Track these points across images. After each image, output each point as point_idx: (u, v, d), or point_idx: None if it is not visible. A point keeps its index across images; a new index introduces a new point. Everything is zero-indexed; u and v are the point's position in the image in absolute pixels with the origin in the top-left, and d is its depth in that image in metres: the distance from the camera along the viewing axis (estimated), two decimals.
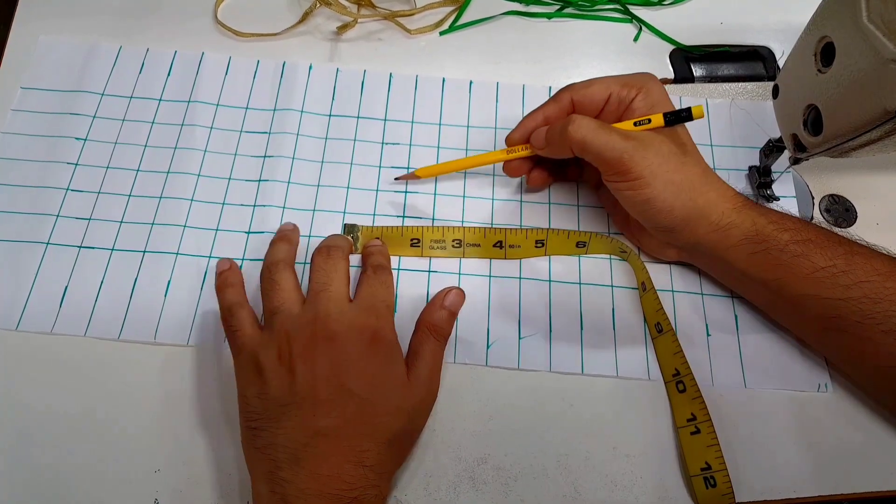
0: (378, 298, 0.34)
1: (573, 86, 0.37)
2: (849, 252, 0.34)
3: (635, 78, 0.37)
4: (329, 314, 0.32)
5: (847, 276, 0.33)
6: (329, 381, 0.30)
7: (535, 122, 0.38)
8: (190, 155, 0.41)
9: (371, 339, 0.32)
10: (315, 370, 0.30)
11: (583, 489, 0.35)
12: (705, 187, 0.35)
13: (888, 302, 0.32)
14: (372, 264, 0.37)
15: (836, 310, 0.33)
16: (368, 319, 0.33)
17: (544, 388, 0.37)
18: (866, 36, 0.30)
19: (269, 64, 0.45)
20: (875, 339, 0.33)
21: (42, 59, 0.44)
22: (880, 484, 0.35)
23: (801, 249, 0.34)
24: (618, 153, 0.34)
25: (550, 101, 0.38)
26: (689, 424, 0.35)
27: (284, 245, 0.37)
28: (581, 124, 0.34)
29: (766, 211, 0.35)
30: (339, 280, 0.34)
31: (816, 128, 0.34)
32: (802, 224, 0.35)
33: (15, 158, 0.41)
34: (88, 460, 0.34)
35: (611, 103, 0.37)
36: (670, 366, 0.37)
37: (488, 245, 0.39)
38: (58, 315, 0.37)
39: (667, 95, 0.37)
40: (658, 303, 0.38)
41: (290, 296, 0.34)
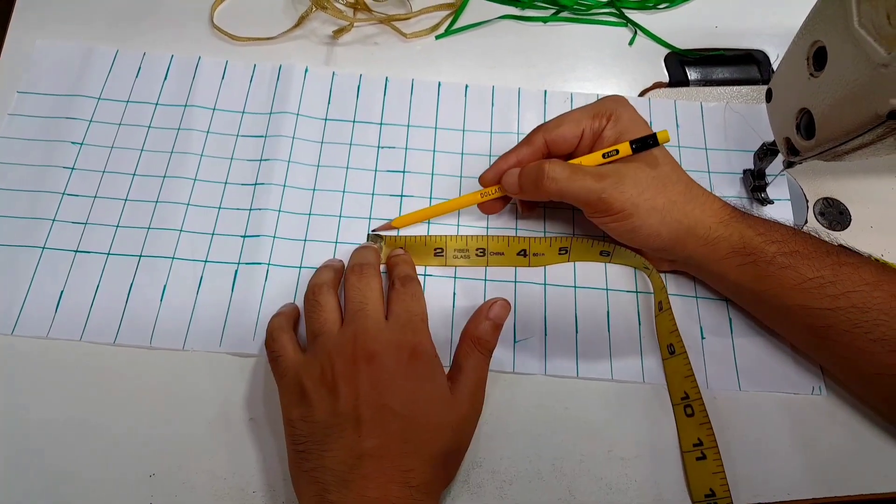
0: (412, 313, 0.34)
1: (545, 126, 0.37)
2: (836, 263, 0.34)
3: (603, 106, 0.37)
4: (367, 333, 0.32)
5: (835, 287, 0.33)
6: (371, 401, 0.30)
7: (507, 164, 0.38)
8: (186, 159, 0.42)
9: (410, 356, 0.32)
10: (357, 390, 0.30)
11: (578, 493, 0.35)
12: (689, 205, 0.35)
13: (876, 311, 0.33)
14: (399, 276, 0.36)
15: (824, 319, 0.34)
16: (406, 335, 0.33)
17: (539, 391, 0.37)
18: (857, 41, 0.30)
19: (265, 68, 0.45)
20: (864, 348, 0.33)
21: (39, 64, 0.44)
22: (874, 486, 0.35)
23: (788, 261, 0.34)
24: (595, 195, 0.34)
25: (524, 144, 0.38)
26: (694, 450, 0.35)
27: (329, 271, 0.37)
28: (554, 176, 0.35)
29: (754, 223, 0.35)
30: (374, 298, 0.34)
31: (809, 132, 0.35)
32: (791, 235, 0.35)
33: (11, 163, 0.41)
34: (83, 465, 0.34)
35: (584, 138, 0.37)
36: (680, 389, 0.36)
37: (512, 253, 0.39)
38: (53, 319, 0.37)
39: (637, 117, 0.37)
40: (673, 324, 0.37)
41: (331, 317, 0.34)
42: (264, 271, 0.38)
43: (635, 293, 0.40)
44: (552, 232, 0.41)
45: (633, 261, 0.40)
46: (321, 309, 0.34)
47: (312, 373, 0.31)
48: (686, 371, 0.36)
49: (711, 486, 0.34)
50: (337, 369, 0.31)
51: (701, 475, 0.35)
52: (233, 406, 0.36)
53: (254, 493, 0.34)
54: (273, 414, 0.36)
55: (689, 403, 0.36)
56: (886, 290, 0.33)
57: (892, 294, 0.33)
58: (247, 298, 0.38)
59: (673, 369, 0.37)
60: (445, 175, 0.43)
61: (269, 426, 0.35)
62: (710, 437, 0.35)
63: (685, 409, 0.36)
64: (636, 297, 0.40)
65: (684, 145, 0.44)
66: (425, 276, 0.40)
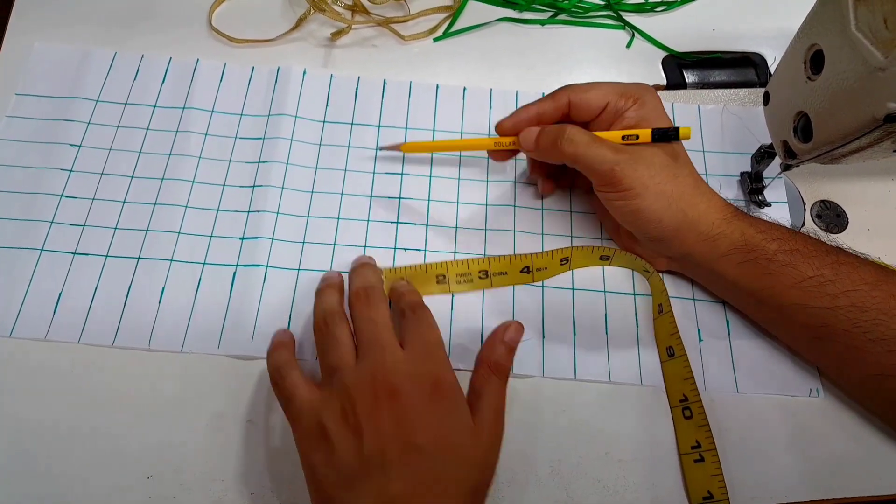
0: (428, 342, 0.33)
1: (573, 87, 0.37)
2: (836, 262, 0.34)
3: (632, 88, 0.37)
4: (386, 367, 0.31)
5: (834, 286, 0.33)
6: (397, 440, 0.29)
7: (528, 116, 0.37)
8: (184, 161, 0.42)
9: (433, 389, 0.31)
10: (381, 430, 0.29)
11: (575, 494, 0.35)
12: (696, 198, 0.35)
13: (875, 311, 0.33)
14: (408, 304, 0.35)
15: (823, 318, 0.34)
16: (425, 367, 0.32)
17: (537, 393, 0.37)
18: (854, 44, 0.30)
19: (263, 70, 0.45)
20: (863, 348, 0.33)
21: (37, 66, 0.44)
22: (871, 489, 0.36)
23: (788, 259, 0.34)
24: (608, 166, 0.34)
25: (548, 98, 0.37)
26: (692, 452, 0.35)
27: (333, 292, 0.36)
28: (573, 139, 0.35)
29: (755, 221, 0.36)
30: (386, 328, 0.33)
31: (806, 135, 0.35)
32: (791, 234, 0.35)
33: (9, 165, 0.41)
34: (81, 467, 0.34)
35: (607, 112, 0.37)
36: (678, 391, 0.36)
37: (515, 272, 0.39)
38: (52, 322, 0.37)
39: (661, 108, 0.37)
40: (674, 326, 0.37)
41: (347, 350, 0.33)
42: (262, 273, 0.38)
43: (633, 295, 0.40)
44: (550, 232, 0.41)
45: (634, 264, 0.40)
46: (336, 343, 0.33)
47: (332, 413, 0.30)
48: (685, 373, 0.36)
49: (709, 488, 0.34)
50: (359, 408, 0.30)
51: (699, 477, 0.35)
52: (230, 408, 0.36)
53: (252, 496, 0.34)
54: (270, 417, 0.36)
55: (687, 406, 0.36)
56: (885, 289, 0.33)
57: (891, 294, 0.33)
58: (245, 301, 0.38)
59: (672, 372, 0.37)
60: (444, 177, 0.43)
61: (266, 429, 0.35)
62: (708, 439, 0.35)
63: (683, 411, 0.36)
64: (634, 300, 0.40)
65: None
66: None
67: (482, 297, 0.39)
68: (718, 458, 0.35)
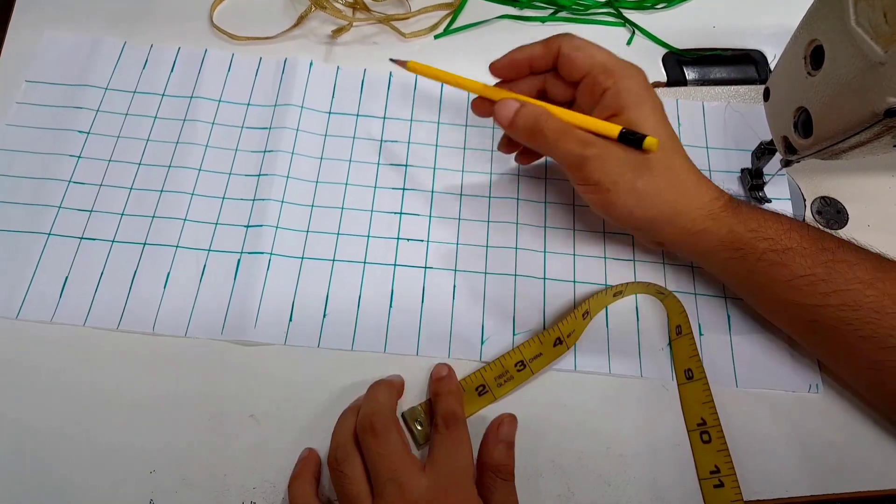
0: (456, 467, 0.31)
1: (569, 36, 0.36)
2: (831, 260, 0.34)
3: (620, 68, 0.35)
4: (406, 500, 0.30)
5: (826, 285, 0.33)
6: None
7: (521, 57, 0.36)
8: (191, 150, 0.42)
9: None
10: None
11: (577, 489, 0.35)
12: (673, 195, 0.35)
13: (867, 310, 0.32)
14: (443, 415, 0.33)
15: (813, 315, 0.34)
16: (448, 497, 0.30)
17: (537, 386, 0.37)
18: (854, 39, 0.30)
19: (270, 61, 0.46)
20: (854, 344, 0.33)
21: (46, 54, 0.45)
22: (872, 484, 0.36)
23: (779, 258, 0.34)
24: (577, 160, 0.34)
25: (541, 43, 0.36)
26: (712, 477, 0.35)
27: (348, 422, 0.34)
28: (546, 128, 0.34)
29: (746, 217, 0.35)
30: (401, 460, 0.31)
31: (807, 130, 0.35)
32: (785, 231, 0.35)
33: (19, 150, 0.41)
34: (82, 459, 0.34)
35: (586, 81, 0.35)
36: (696, 414, 0.36)
37: (548, 348, 0.37)
38: (58, 304, 0.37)
39: (644, 96, 0.35)
40: (693, 349, 0.37)
41: (362, 488, 0.31)
42: (266, 261, 0.39)
43: (672, 334, 0.39)
44: (552, 225, 0.41)
45: (647, 289, 0.39)
46: (348, 481, 0.31)
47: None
48: (704, 397, 0.36)
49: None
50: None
51: (719, 503, 0.34)
52: (232, 403, 0.36)
53: (254, 490, 0.34)
54: (272, 411, 0.36)
55: (706, 430, 0.36)
56: (880, 288, 0.33)
57: (885, 293, 0.33)
58: (249, 287, 0.38)
59: (690, 395, 0.37)
60: (448, 169, 0.43)
61: (268, 423, 0.36)
62: (727, 464, 0.35)
63: (701, 435, 0.36)
64: (634, 294, 0.40)
65: (685, 143, 0.43)
66: (425, 270, 0.40)
67: (483, 289, 0.39)
68: (738, 484, 0.34)
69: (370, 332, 0.38)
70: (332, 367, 0.37)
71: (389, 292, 0.39)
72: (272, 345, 0.37)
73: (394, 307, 0.39)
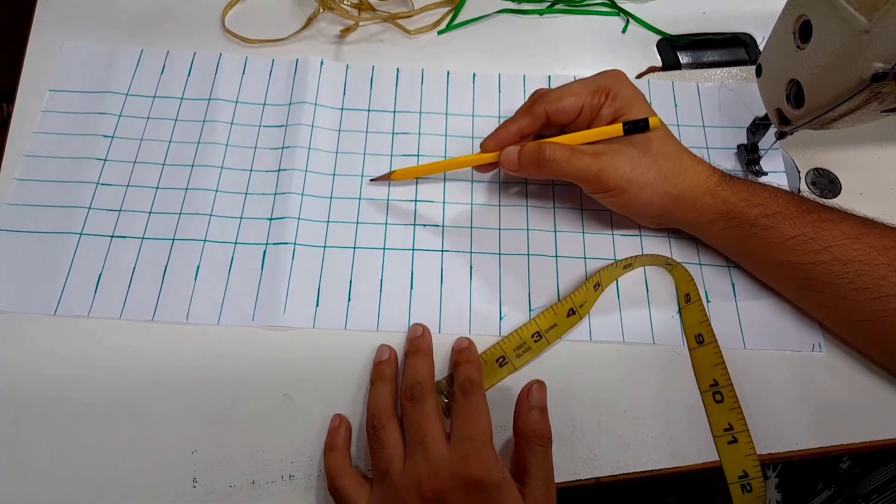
0: (474, 436, 0.32)
1: (547, 97, 0.39)
2: (817, 220, 0.36)
3: (604, 81, 0.39)
4: (432, 471, 0.31)
5: (816, 243, 0.36)
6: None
7: (508, 133, 0.39)
8: (213, 149, 0.44)
9: (479, 489, 0.31)
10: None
11: (598, 451, 0.37)
12: (679, 178, 0.38)
13: (857, 262, 0.35)
14: (460, 384, 0.34)
15: (807, 273, 0.36)
16: (470, 465, 0.31)
17: (556, 356, 0.39)
18: (840, 11, 0.32)
19: (283, 62, 0.48)
20: (848, 297, 0.36)
21: (68, 63, 0.46)
22: (874, 434, 0.38)
23: (770, 222, 0.37)
24: (592, 174, 0.37)
25: (525, 114, 0.39)
26: (725, 434, 0.37)
27: (386, 388, 0.36)
28: (554, 157, 0.37)
29: (738, 189, 0.38)
30: (431, 426, 0.33)
31: (799, 101, 0.37)
32: (773, 198, 0.37)
33: (47, 156, 0.43)
34: (126, 442, 0.36)
35: (583, 112, 0.39)
36: (708, 376, 0.38)
37: (562, 319, 0.39)
38: (93, 300, 0.39)
39: (634, 95, 0.38)
40: (703, 314, 0.39)
41: (395, 452, 0.33)
42: (291, 250, 0.41)
43: (681, 302, 0.41)
44: (562, 230, 0.43)
45: (656, 261, 0.41)
46: (383, 446, 0.33)
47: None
48: (716, 359, 0.38)
49: (744, 467, 0.36)
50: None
51: (734, 458, 0.36)
52: (266, 384, 0.38)
53: (291, 464, 0.36)
54: (305, 390, 0.37)
55: (718, 390, 0.37)
56: (866, 241, 0.35)
57: (871, 245, 0.35)
58: (276, 276, 0.40)
59: (701, 358, 0.39)
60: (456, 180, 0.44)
61: (301, 401, 0.37)
62: (740, 421, 0.36)
63: (714, 395, 0.37)
64: (643, 266, 0.42)
65: (682, 124, 0.47)
66: (442, 253, 0.41)
67: (499, 267, 0.41)
68: (751, 439, 0.36)
69: (393, 313, 0.40)
70: (359, 347, 0.39)
71: (409, 275, 0.41)
72: (301, 329, 0.39)
73: (414, 289, 0.40)
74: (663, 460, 0.37)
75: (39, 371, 0.37)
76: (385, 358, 0.37)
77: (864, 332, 0.37)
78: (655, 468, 0.36)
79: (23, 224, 0.41)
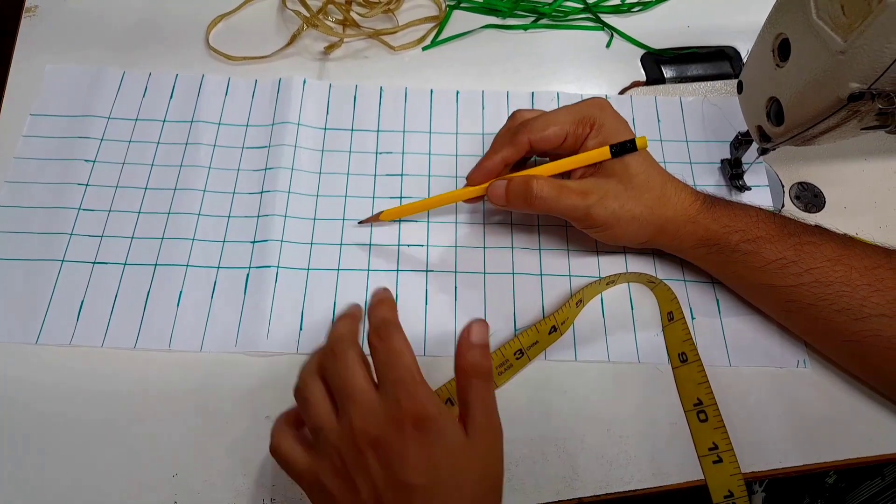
0: (398, 370, 0.31)
1: (531, 125, 0.38)
2: (798, 243, 0.36)
3: (587, 111, 0.38)
4: (363, 418, 0.30)
5: (797, 266, 0.36)
6: (390, 486, 0.29)
7: (493, 165, 0.39)
8: (195, 172, 0.44)
9: (414, 425, 0.30)
10: (373, 480, 0.29)
11: (581, 470, 0.37)
12: (663, 209, 0.38)
13: (838, 284, 0.35)
14: (375, 326, 0.33)
15: (789, 295, 0.37)
16: (401, 405, 0.30)
17: (539, 374, 0.39)
18: (817, 31, 0.32)
19: (266, 82, 0.48)
20: (830, 318, 0.36)
21: (49, 87, 0.46)
22: (860, 451, 0.38)
23: (751, 247, 0.37)
24: (582, 212, 0.37)
25: (508, 144, 0.38)
26: (710, 454, 0.36)
27: (311, 362, 0.34)
28: (542, 195, 0.37)
29: (720, 215, 0.38)
30: (355, 376, 0.31)
31: (779, 118, 0.37)
32: (755, 222, 0.38)
33: (29, 182, 0.43)
34: (109, 467, 0.36)
35: (567, 140, 0.39)
36: (692, 395, 0.38)
37: (544, 336, 0.39)
38: (75, 328, 0.38)
39: (619, 124, 0.38)
40: (686, 333, 0.39)
41: (323, 409, 0.32)
42: (274, 274, 0.40)
43: (664, 320, 0.41)
44: (546, 247, 0.43)
45: (638, 278, 0.41)
46: (309, 405, 0.32)
47: (326, 473, 0.31)
48: (699, 378, 0.38)
49: (730, 487, 0.36)
50: (348, 464, 0.30)
51: (719, 478, 0.36)
52: (248, 408, 0.37)
53: (272, 487, 0.36)
54: None
55: (702, 409, 0.37)
56: (847, 263, 0.36)
57: (851, 267, 0.35)
58: (259, 300, 0.40)
59: (685, 377, 0.39)
60: (441, 176, 0.45)
61: None
62: (725, 440, 0.36)
63: (698, 414, 0.37)
64: (627, 283, 0.42)
65: (666, 139, 0.47)
66: (427, 273, 0.41)
67: (483, 288, 0.41)
68: (736, 458, 0.36)
69: None
70: None
71: (394, 296, 0.41)
72: (284, 354, 0.39)
73: (399, 309, 0.40)
74: (647, 479, 0.37)
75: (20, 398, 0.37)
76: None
77: (847, 351, 0.37)
78: (638, 487, 0.36)
79: (4, 251, 0.40)
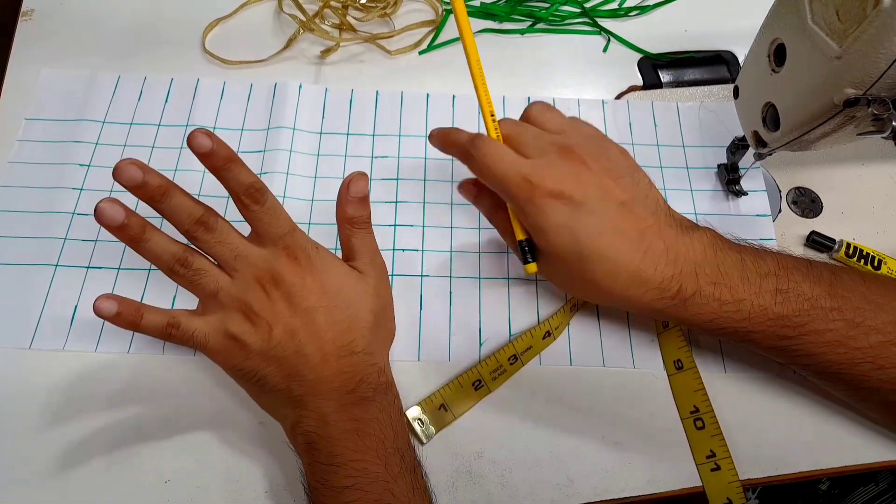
0: (281, 227, 0.33)
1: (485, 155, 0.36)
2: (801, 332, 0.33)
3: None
4: (260, 265, 0.33)
5: (796, 351, 0.34)
6: (296, 313, 0.32)
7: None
8: (190, 176, 0.43)
9: (304, 259, 0.33)
10: (282, 313, 0.32)
11: (575, 477, 0.36)
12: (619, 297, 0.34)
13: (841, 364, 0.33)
14: (243, 190, 0.33)
15: (787, 362, 0.36)
16: (288, 250, 0.33)
17: (534, 380, 0.39)
18: (812, 37, 0.32)
19: (261, 86, 0.48)
20: (830, 384, 0.36)
21: (44, 91, 0.46)
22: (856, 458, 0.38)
23: (739, 337, 0.34)
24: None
25: None
26: (708, 461, 0.36)
27: (159, 235, 0.34)
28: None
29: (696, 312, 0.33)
30: (236, 240, 0.33)
31: (775, 124, 0.37)
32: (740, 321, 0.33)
33: (23, 186, 0.43)
34: (100, 473, 0.36)
35: None
36: (689, 403, 0.38)
37: (538, 341, 0.39)
38: (69, 333, 0.38)
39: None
40: (682, 340, 0.39)
41: (216, 271, 0.33)
42: None
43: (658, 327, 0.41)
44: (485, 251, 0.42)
45: None
46: (203, 272, 0.33)
47: (235, 321, 0.32)
48: (696, 385, 0.38)
49: (728, 494, 0.35)
50: (256, 307, 0.32)
51: (717, 485, 0.36)
52: (241, 411, 0.37)
53: (265, 493, 0.36)
54: None
55: (699, 417, 0.37)
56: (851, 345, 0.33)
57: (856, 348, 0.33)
58: None
59: (681, 384, 0.38)
60: (437, 180, 0.45)
61: (275, 429, 0.36)
62: (722, 447, 0.36)
63: (695, 422, 0.37)
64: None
65: (662, 143, 0.47)
66: (421, 278, 0.41)
67: (479, 294, 0.41)
68: (734, 466, 0.36)
69: None
70: None
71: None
72: None
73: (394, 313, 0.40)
74: (642, 486, 0.36)
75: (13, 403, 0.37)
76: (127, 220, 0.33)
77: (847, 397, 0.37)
78: (634, 495, 0.36)
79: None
